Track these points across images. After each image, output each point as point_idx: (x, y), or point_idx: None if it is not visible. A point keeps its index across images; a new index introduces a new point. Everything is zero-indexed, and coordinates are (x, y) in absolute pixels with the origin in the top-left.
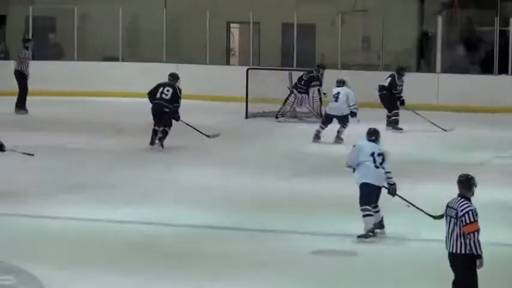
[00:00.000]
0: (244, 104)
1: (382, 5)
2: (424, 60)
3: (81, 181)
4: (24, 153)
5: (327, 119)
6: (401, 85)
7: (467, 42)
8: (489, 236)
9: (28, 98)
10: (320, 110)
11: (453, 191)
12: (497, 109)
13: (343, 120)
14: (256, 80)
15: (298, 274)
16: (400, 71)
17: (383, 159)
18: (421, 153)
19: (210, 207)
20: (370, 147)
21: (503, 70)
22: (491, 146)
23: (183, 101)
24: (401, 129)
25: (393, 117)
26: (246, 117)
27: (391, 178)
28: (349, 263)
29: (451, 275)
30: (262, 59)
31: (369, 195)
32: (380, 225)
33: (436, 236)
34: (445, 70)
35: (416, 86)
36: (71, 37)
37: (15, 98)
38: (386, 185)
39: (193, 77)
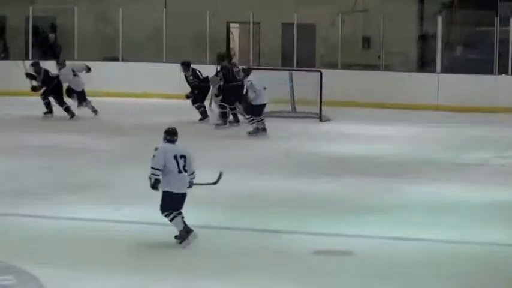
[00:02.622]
0: None
1: (382, 5)
2: (424, 60)
3: (81, 181)
4: None
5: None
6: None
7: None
8: (489, 236)
9: (28, 98)
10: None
11: (453, 190)
12: (497, 109)
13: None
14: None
15: (298, 274)
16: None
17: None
18: (420, 153)
19: (209, 207)
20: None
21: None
22: (491, 146)
23: (182, 101)
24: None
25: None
26: (246, 117)
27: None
28: (349, 263)
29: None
30: (262, 59)
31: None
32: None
33: (435, 236)
34: (445, 70)
35: (416, 86)
36: (71, 37)
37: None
38: None
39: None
